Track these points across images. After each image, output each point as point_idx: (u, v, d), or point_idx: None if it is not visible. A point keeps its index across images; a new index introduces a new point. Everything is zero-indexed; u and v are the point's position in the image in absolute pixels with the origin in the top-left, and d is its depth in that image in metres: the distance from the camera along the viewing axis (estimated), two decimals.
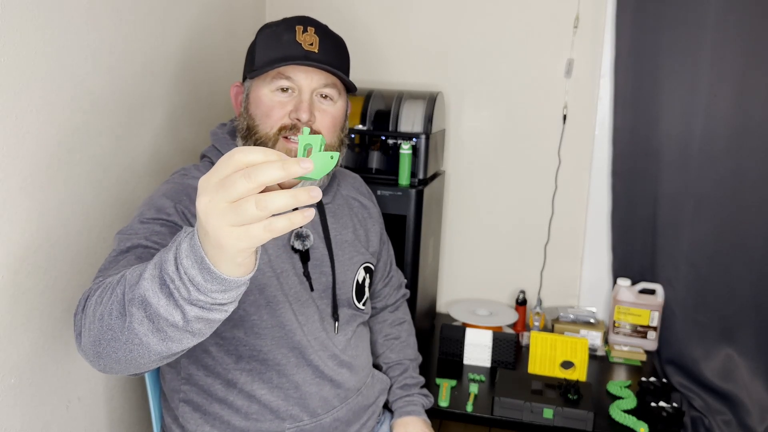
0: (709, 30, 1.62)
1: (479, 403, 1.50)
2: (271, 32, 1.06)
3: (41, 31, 1.03)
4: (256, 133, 1.04)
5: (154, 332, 0.66)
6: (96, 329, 0.71)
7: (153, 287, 0.64)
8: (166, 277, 0.62)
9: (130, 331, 0.67)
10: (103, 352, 0.72)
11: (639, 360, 1.76)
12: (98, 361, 0.74)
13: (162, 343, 0.67)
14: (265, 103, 1.03)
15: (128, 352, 0.69)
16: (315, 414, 1.09)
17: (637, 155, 1.76)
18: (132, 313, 0.66)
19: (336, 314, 1.12)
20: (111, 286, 0.72)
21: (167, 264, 0.62)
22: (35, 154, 1.04)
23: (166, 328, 0.65)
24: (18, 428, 1.05)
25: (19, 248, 1.02)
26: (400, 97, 1.69)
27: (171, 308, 0.63)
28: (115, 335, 0.69)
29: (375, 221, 1.27)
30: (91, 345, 0.73)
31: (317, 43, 1.04)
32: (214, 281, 0.60)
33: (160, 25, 1.37)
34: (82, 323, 0.75)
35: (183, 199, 0.98)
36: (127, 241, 0.90)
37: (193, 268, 0.60)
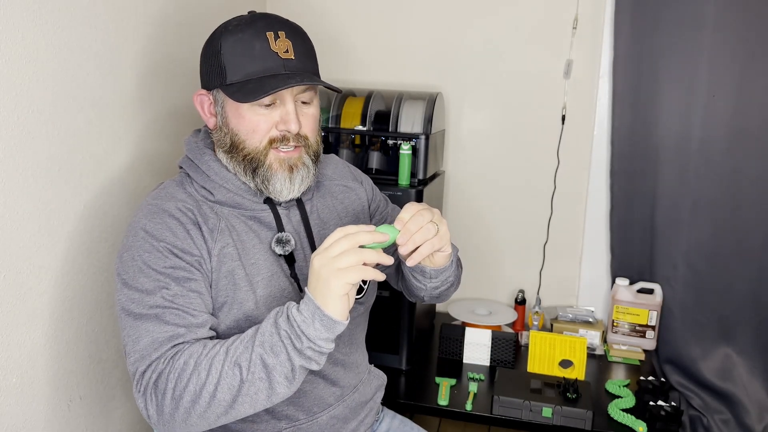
0: (707, 31, 1.62)
1: (478, 402, 1.51)
2: (239, 40, 1.00)
3: (42, 31, 1.04)
4: (244, 149, 1.02)
5: (265, 390, 0.87)
6: (202, 407, 0.86)
7: (266, 350, 0.87)
8: (281, 335, 0.87)
9: (243, 395, 0.87)
10: (199, 422, 0.88)
11: (637, 359, 1.76)
12: (185, 429, 0.89)
13: (269, 399, 0.88)
14: (249, 118, 1.00)
15: (231, 415, 0.88)
16: (311, 413, 1.09)
17: (635, 155, 1.76)
18: (253, 379, 0.86)
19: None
20: (208, 370, 0.87)
21: (281, 324, 0.87)
22: (36, 154, 1.04)
23: (275, 384, 0.87)
24: (19, 427, 1.05)
25: (20, 248, 1.03)
26: (400, 98, 1.70)
27: (284, 361, 0.87)
28: (224, 404, 0.87)
29: (362, 200, 1.23)
30: (182, 420, 0.88)
31: (291, 48, 1.00)
32: (323, 327, 0.85)
33: (161, 25, 1.37)
34: (160, 403, 0.88)
35: (166, 236, 0.96)
36: (139, 301, 0.94)
37: (305, 323, 0.85)
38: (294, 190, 1.04)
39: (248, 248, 1.02)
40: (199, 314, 0.94)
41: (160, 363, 0.89)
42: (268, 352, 0.85)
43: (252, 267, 1.02)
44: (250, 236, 1.04)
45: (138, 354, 0.90)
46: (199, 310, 0.95)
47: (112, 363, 1.29)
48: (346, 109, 1.70)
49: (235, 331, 1.00)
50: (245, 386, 0.86)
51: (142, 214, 0.99)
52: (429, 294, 1.15)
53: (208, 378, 0.86)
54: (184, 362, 0.87)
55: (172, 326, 0.91)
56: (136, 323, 0.92)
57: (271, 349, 0.85)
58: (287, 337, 0.85)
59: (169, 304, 0.93)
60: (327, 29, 1.94)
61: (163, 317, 0.92)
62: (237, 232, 1.02)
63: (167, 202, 1.00)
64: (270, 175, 1.02)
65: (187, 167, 1.07)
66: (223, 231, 1.01)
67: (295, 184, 1.04)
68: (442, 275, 1.09)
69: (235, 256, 1.00)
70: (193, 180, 1.05)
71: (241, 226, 1.03)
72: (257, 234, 1.04)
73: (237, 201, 1.04)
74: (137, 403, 0.90)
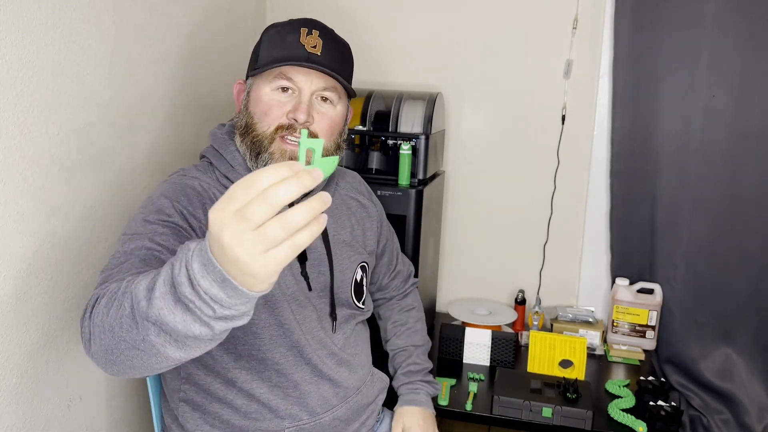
0: (707, 31, 1.63)
1: (479, 402, 1.51)
2: (276, 32, 1.07)
3: (42, 31, 1.03)
4: (253, 131, 1.05)
5: (172, 343, 0.66)
6: (107, 339, 0.71)
7: (167, 305, 0.63)
8: (183, 298, 0.62)
9: (146, 342, 0.67)
10: (117, 360, 0.72)
11: (637, 359, 1.76)
12: (111, 367, 0.75)
13: (181, 351, 0.67)
14: (265, 101, 1.04)
15: (144, 360, 0.70)
16: (314, 413, 1.09)
17: (635, 155, 1.76)
18: (147, 327, 0.66)
19: (334, 313, 1.13)
20: (117, 297, 0.72)
21: (182, 286, 0.61)
22: (36, 154, 1.04)
23: (185, 339, 0.65)
24: (19, 427, 1.05)
25: (20, 248, 1.03)
26: (400, 98, 1.70)
27: (190, 324, 0.63)
28: (129, 345, 0.69)
29: (373, 220, 1.27)
30: (102, 353, 0.73)
31: (320, 46, 1.04)
32: (238, 296, 0.60)
33: (161, 25, 1.37)
34: (91, 331, 0.74)
35: (181, 199, 0.99)
36: (129, 242, 0.90)
37: (213, 287, 0.60)
38: None
39: None
40: (170, 255, 0.89)
41: (107, 291, 0.77)
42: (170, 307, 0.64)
43: None
44: None
45: (100, 283, 0.84)
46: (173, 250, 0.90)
47: None
48: None
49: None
50: (132, 315, 0.68)
51: (164, 186, 1.02)
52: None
53: (113, 311, 0.71)
54: (113, 292, 0.75)
55: (147, 266, 0.84)
56: (114, 259, 0.88)
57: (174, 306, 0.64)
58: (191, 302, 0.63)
59: (156, 247, 0.89)
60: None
61: (144, 258, 0.86)
62: None
63: (191, 180, 1.04)
64: (270, 164, 1.02)
65: (211, 156, 1.10)
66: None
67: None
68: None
69: None
70: (216, 168, 1.08)
71: None
72: None
73: None
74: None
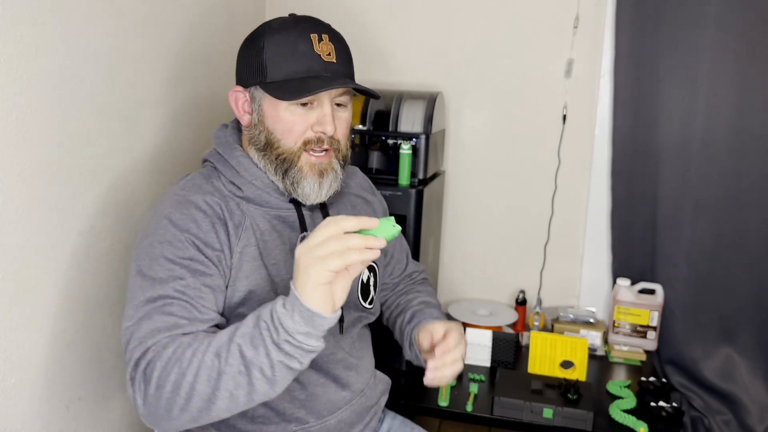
0: (708, 30, 1.62)
1: (479, 403, 1.51)
2: (282, 39, 1.00)
3: (41, 31, 1.03)
4: (278, 148, 1.02)
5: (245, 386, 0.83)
6: (183, 399, 0.83)
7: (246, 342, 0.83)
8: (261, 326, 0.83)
9: (221, 390, 0.83)
10: (180, 415, 0.85)
11: (639, 360, 1.76)
12: (168, 423, 0.87)
13: (248, 396, 0.84)
14: (286, 118, 1.01)
15: (212, 411, 0.85)
16: (321, 416, 1.09)
17: (636, 155, 1.76)
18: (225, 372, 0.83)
19: (341, 316, 1.12)
20: (190, 360, 0.84)
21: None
22: (36, 154, 1.04)
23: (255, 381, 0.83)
24: (18, 428, 1.05)
25: (19, 248, 1.02)
26: (400, 97, 1.69)
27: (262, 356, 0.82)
28: (203, 398, 0.83)
29: (378, 215, 1.26)
30: (164, 411, 0.85)
31: (334, 52, 1.02)
32: (303, 321, 0.80)
33: (160, 25, 1.37)
34: (146, 392, 0.85)
35: (191, 227, 0.96)
36: (150, 289, 0.92)
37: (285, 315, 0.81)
38: (322, 195, 1.05)
39: (270, 248, 1.03)
40: (206, 311, 0.93)
41: (152, 351, 0.87)
42: (247, 343, 0.82)
43: (273, 267, 1.03)
44: (273, 236, 1.04)
45: (137, 341, 0.89)
46: (208, 306, 0.94)
47: (111, 363, 1.28)
48: None
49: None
50: (223, 378, 0.82)
51: (168, 204, 0.99)
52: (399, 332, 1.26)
53: (189, 367, 0.83)
54: (173, 351, 0.85)
55: (175, 317, 0.90)
56: (141, 312, 0.91)
57: (251, 341, 0.82)
58: (266, 329, 0.81)
59: (179, 296, 0.91)
60: None
61: (168, 308, 0.90)
62: (261, 230, 1.03)
63: (195, 194, 1.00)
64: (300, 178, 1.03)
65: (216, 161, 1.07)
66: (247, 229, 1.01)
67: (323, 188, 1.04)
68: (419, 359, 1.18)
69: (257, 255, 1.01)
70: (221, 174, 1.06)
71: (265, 225, 1.04)
72: (280, 234, 1.05)
73: (264, 198, 1.05)
74: (127, 392, 0.88)
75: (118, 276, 1.27)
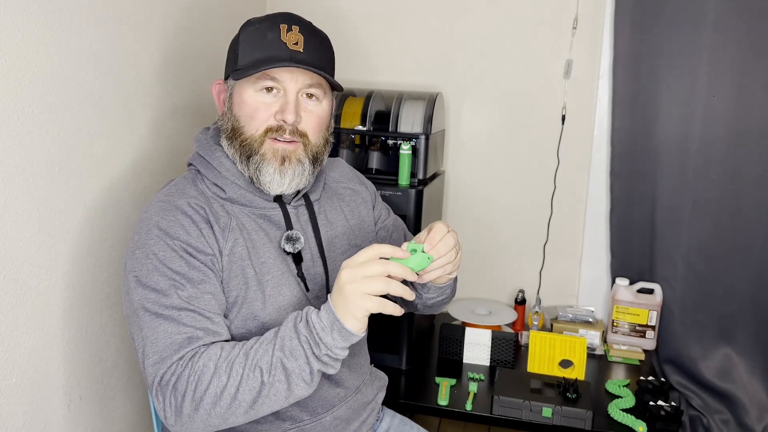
0: (707, 31, 1.63)
1: (479, 402, 1.51)
2: (255, 30, 1.03)
3: (42, 31, 1.03)
4: (241, 135, 1.02)
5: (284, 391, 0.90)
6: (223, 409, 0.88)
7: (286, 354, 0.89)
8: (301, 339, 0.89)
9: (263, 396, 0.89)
10: (220, 424, 0.90)
11: (637, 359, 1.76)
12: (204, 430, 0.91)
13: (287, 400, 0.91)
14: (250, 104, 1.02)
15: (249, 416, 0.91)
16: (315, 413, 1.09)
17: (635, 156, 1.76)
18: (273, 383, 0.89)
19: None
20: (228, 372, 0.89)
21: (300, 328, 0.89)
22: (36, 154, 1.04)
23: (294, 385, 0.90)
24: (19, 427, 1.05)
25: (20, 248, 1.03)
26: (400, 98, 1.70)
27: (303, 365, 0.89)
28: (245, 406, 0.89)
29: (368, 203, 1.25)
30: (202, 423, 0.90)
31: (302, 42, 1.02)
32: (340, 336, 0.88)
33: (160, 26, 1.37)
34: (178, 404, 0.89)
35: (179, 234, 0.96)
36: (155, 301, 0.93)
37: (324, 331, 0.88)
38: (284, 185, 1.03)
39: (258, 247, 1.03)
40: (215, 317, 0.96)
41: (179, 365, 0.90)
42: (287, 356, 0.88)
43: (261, 266, 1.02)
44: (260, 235, 1.04)
45: (158, 356, 0.91)
46: (215, 312, 0.96)
47: (112, 363, 1.29)
48: (345, 109, 1.70)
49: (242, 330, 1.00)
50: (266, 389, 0.88)
51: (154, 211, 0.99)
52: (423, 304, 1.18)
53: (229, 381, 0.88)
54: (203, 365, 0.89)
55: (190, 328, 0.92)
56: (154, 323, 0.92)
57: (291, 353, 0.88)
58: (306, 342, 0.88)
59: (186, 305, 0.93)
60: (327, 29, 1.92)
61: (180, 319, 0.92)
62: (247, 230, 1.03)
63: (179, 198, 1.00)
64: (262, 165, 1.02)
65: (198, 164, 1.07)
66: (234, 229, 1.01)
67: (285, 177, 1.03)
68: (440, 289, 1.14)
69: (245, 255, 1.01)
70: (204, 177, 1.06)
71: (251, 225, 1.04)
72: (267, 233, 1.05)
73: (248, 198, 1.05)
74: (155, 404, 0.91)
75: (119, 276, 1.27)
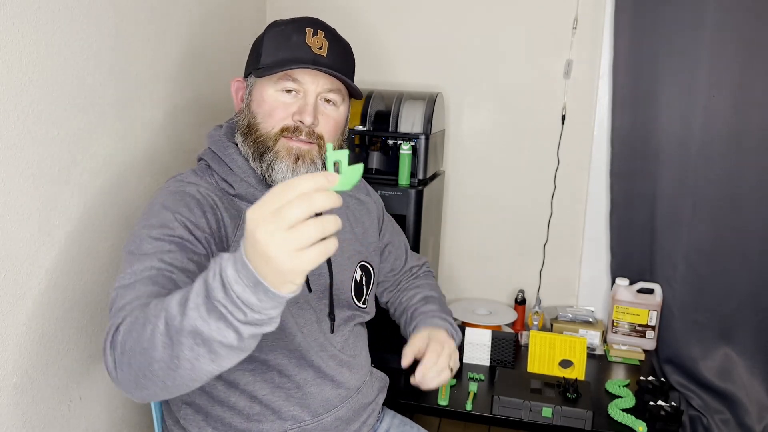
0: (707, 31, 1.63)
1: (478, 402, 1.51)
2: (280, 31, 1.05)
3: (42, 31, 1.03)
4: (256, 131, 1.04)
5: (205, 355, 0.70)
6: (138, 363, 0.75)
7: (201, 315, 0.68)
8: (216, 304, 0.67)
9: (180, 359, 0.71)
10: (148, 383, 0.76)
11: (637, 359, 1.76)
12: (140, 392, 0.78)
13: (213, 364, 0.71)
14: (269, 102, 1.03)
15: (178, 378, 0.74)
16: (316, 414, 1.09)
17: (635, 156, 1.76)
18: (182, 342, 0.70)
19: (332, 314, 1.13)
20: (148, 320, 0.75)
21: (215, 291, 0.67)
22: (36, 154, 1.04)
23: (218, 349, 0.70)
24: (19, 427, 1.05)
25: (20, 248, 1.03)
26: (400, 98, 1.70)
27: (224, 330, 0.68)
28: (162, 366, 0.73)
29: (372, 215, 1.26)
30: (132, 379, 0.77)
31: (326, 47, 1.04)
32: (269, 300, 0.66)
33: (161, 25, 1.37)
34: (116, 359, 0.78)
35: (182, 210, 0.97)
36: (138, 262, 0.90)
37: (245, 292, 0.65)
38: None
39: None
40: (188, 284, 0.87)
41: (126, 316, 0.80)
42: (204, 316, 0.68)
43: None
44: None
45: (117, 309, 0.85)
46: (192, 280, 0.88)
47: None
48: None
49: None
50: (176, 348, 0.72)
51: (162, 195, 1.01)
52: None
53: (144, 333, 0.74)
54: (136, 317, 0.78)
55: (158, 287, 0.86)
56: (129, 281, 0.87)
57: (208, 315, 0.68)
58: (224, 307, 0.67)
59: (165, 267, 0.89)
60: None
61: (155, 279, 0.87)
62: None
63: (189, 186, 1.02)
64: (275, 162, 1.03)
65: (210, 159, 1.09)
66: (241, 226, 1.02)
67: (297, 175, 1.03)
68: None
69: None
70: (214, 172, 1.07)
71: None
72: None
73: (256, 196, 1.05)
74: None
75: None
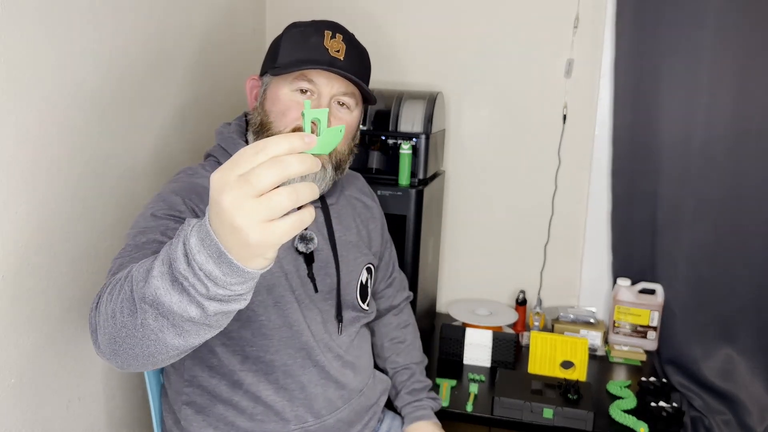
0: (708, 30, 1.62)
1: (479, 403, 1.51)
2: (299, 32, 1.06)
3: (42, 31, 1.03)
4: (269, 130, 1.05)
5: (169, 328, 0.65)
6: (110, 327, 0.70)
7: (164, 285, 0.62)
8: (177, 275, 0.61)
9: (144, 327, 0.66)
10: (119, 349, 0.71)
11: (639, 360, 1.76)
12: (115, 358, 0.73)
13: (179, 338, 0.66)
14: (284, 101, 1.04)
15: (145, 348, 0.69)
16: (319, 415, 1.09)
17: (636, 155, 1.76)
18: (144, 310, 0.65)
19: (340, 315, 1.13)
20: (120, 283, 0.71)
21: (177, 262, 0.60)
22: (36, 154, 1.04)
23: (182, 323, 0.64)
24: (18, 428, 1.05)
25: (20, 248, 1.02)
26: (400, 97, 1.69)
27: (186, 305, 0.62)
28: (129, 333, 0.68)
29: (377, 221, 1.28)
30: (107, 343, 0.72)
31: (343, 51, 1.04)
32: (234, 274, 0.59)
33: (161, 25, 1.37)
34: (97, 322, 0.74)
35: (192, 197, 0.98)
36: (140, 235, 0.89)
37: (208, 263, 0.58)
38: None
39: None
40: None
41: (113, 280, 0.75)
42: (167, 287, 0.63)
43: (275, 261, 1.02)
44: None
45: (110, 276, 0.82)
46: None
47: None
48: None
49: (237, 323, 1.02)
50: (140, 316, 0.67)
51: (172, 184, 1.02)
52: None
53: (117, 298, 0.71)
54: (117, 279, 0.73)
55: (150, 254, 0.83)
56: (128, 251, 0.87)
57: (171, 286, 0.63)
58: (185, 279, 0.61)
59: (162, 237, 0.88)
60: None
61: (155, 250, 0.84)
62: None
63: (197, 179, 1.03)
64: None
65: (219, 155, 1.10)
66: None
67: (307, 177, 1.03)
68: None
69: None
70: None
71: None
72: None
73: None
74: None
75: None
